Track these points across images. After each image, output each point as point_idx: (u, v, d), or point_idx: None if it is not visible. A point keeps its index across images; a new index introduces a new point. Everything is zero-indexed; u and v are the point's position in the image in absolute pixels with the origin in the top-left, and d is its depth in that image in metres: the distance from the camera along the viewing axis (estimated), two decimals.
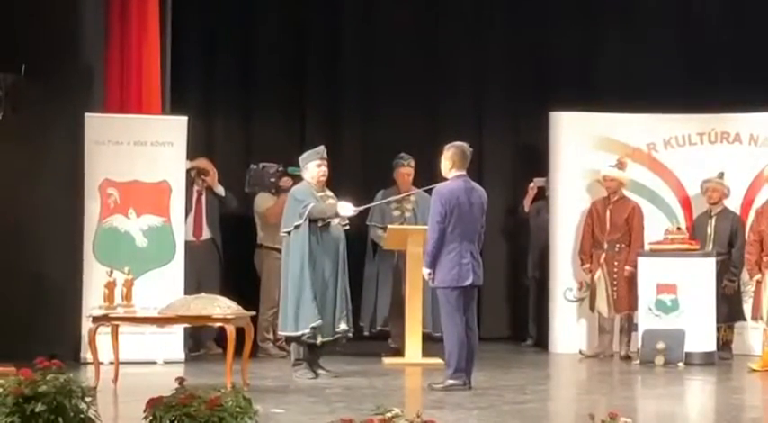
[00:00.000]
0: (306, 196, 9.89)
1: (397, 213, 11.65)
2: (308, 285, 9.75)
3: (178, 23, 11.93)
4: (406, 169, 11.69)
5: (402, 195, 11.50)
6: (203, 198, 11.76)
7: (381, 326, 11.68)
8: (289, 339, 10.06)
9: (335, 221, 9.94)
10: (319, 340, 9.84)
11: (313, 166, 10.04)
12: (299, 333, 9.79)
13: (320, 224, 9.86)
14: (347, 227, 10.15)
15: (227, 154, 12.68)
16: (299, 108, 13.23)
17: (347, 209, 9.96)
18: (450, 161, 9.40)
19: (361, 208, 10.42)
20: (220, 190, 11.86)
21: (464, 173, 9.41)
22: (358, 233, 11.02)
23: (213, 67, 13.02)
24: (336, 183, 10.40)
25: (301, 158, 10.19)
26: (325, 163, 10.07)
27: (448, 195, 9.26)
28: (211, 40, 13.01)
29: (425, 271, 9.37)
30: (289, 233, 9.89)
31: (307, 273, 9.75)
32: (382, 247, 11.51)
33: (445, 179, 9.45)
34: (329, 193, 10.12)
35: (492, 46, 13.40)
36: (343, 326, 9.94)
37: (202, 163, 11.77)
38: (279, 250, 10.76)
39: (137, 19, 11.37)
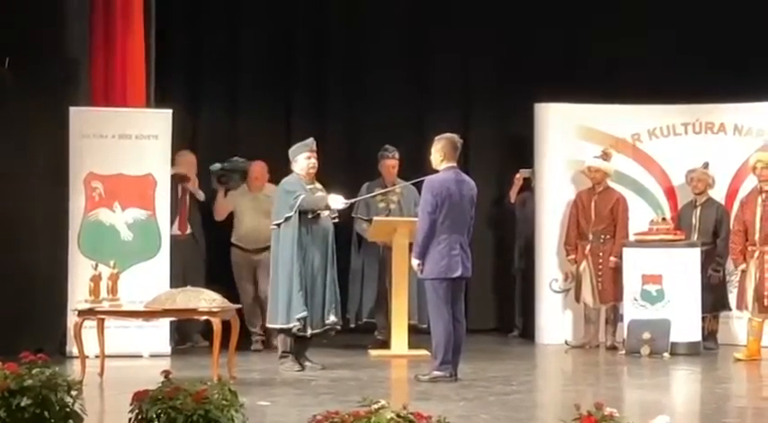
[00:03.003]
0: (296, 188, 9.89)
1: (382, 205, 11.64)
2: (298, 277, 9.75)
3: (163, 16, 11.90)
4: (391, 161, 11.69)
5: (389, 188, 11.50)
6: (188, 196, 11.71)
7: (367, 318, 11.67)
8: (276, 331, 10.06)
9: (325, 213, 9.94)
10: (309, 332, 9.85)
11: (302, 159, 10.05)
12: (290, 325, 9.79)
13: (310, 216, 9.86)
14: (337, 219, 10.15)
15: (212, 147, 12.62)
16: (284, 101, 13.19)
17: (338, 201, 9.96)
18: (440, 153, 9.38)
19: (352, 200, 10.45)
20: (201, 196, 11.81)
21: (455, 164, 9.40)
22: (343, 226, 11.01)
23: (198, 60, 12.99)
24: (322, 175, 10.38)
25: (291, 151, 10.19)
26: (315, 155, 10.08)
27: (439, 187, 9.25)
28: (196, 34, 12.98)
29: (415, 262, 9.35)
30: (279, 225, 9.90)
31: (296, 264, 9.76)
32: (367, 239, 11.51)
33: (433, 171, 9.44)
34: (318, 185, 10.12)
35: (477, 38, 13.36)
36: (332, 318, 9.94)
37: (183, 169, 11.67)
38: (249, 250, 11.09)
39: (121, 12, 11.35)
